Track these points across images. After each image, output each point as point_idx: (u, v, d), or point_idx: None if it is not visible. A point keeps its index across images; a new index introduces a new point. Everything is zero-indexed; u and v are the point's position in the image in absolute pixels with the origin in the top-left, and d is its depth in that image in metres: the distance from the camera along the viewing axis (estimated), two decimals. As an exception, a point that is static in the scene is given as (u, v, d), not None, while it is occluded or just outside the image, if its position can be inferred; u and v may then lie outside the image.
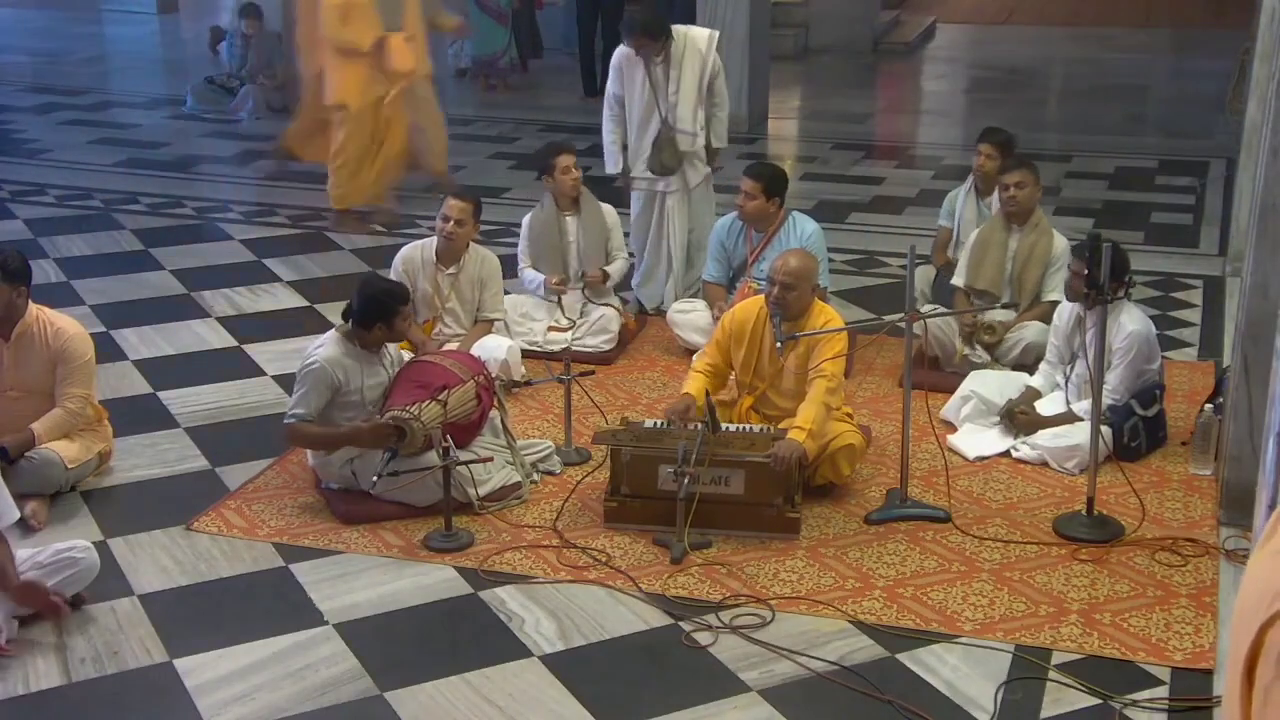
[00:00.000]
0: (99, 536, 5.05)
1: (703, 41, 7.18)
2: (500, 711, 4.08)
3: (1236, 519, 5.09)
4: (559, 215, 7.00)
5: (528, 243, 7.05)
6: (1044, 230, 6.51)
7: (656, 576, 4.78)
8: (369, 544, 5.01)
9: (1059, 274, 6.41)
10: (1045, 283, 6.47)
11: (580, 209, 6.99)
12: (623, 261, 7.10)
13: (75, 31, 17.61)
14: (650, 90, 7.16)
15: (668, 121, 7.17)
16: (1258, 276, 5.02)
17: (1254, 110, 7.71)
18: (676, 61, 7.13)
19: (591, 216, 7.00)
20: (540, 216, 7.03)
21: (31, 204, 9.70)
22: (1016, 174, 6.49)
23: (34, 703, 4.13)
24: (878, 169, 10.95)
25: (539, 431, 5.93)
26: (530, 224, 7.05)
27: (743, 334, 5.51)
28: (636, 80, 7.20)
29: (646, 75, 7.14)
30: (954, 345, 6.42)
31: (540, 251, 7.00)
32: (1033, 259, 6.45)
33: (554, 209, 6.99)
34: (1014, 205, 6.46)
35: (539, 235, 7.00)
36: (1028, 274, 6.44)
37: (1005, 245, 6.53)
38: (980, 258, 6.56)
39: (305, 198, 9.83)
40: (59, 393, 5.38)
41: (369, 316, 5.30)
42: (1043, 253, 6.45)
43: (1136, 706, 4.09)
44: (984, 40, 17.33)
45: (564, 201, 6.96)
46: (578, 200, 6.97)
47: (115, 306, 7.55)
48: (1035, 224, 6.50)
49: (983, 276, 6.53)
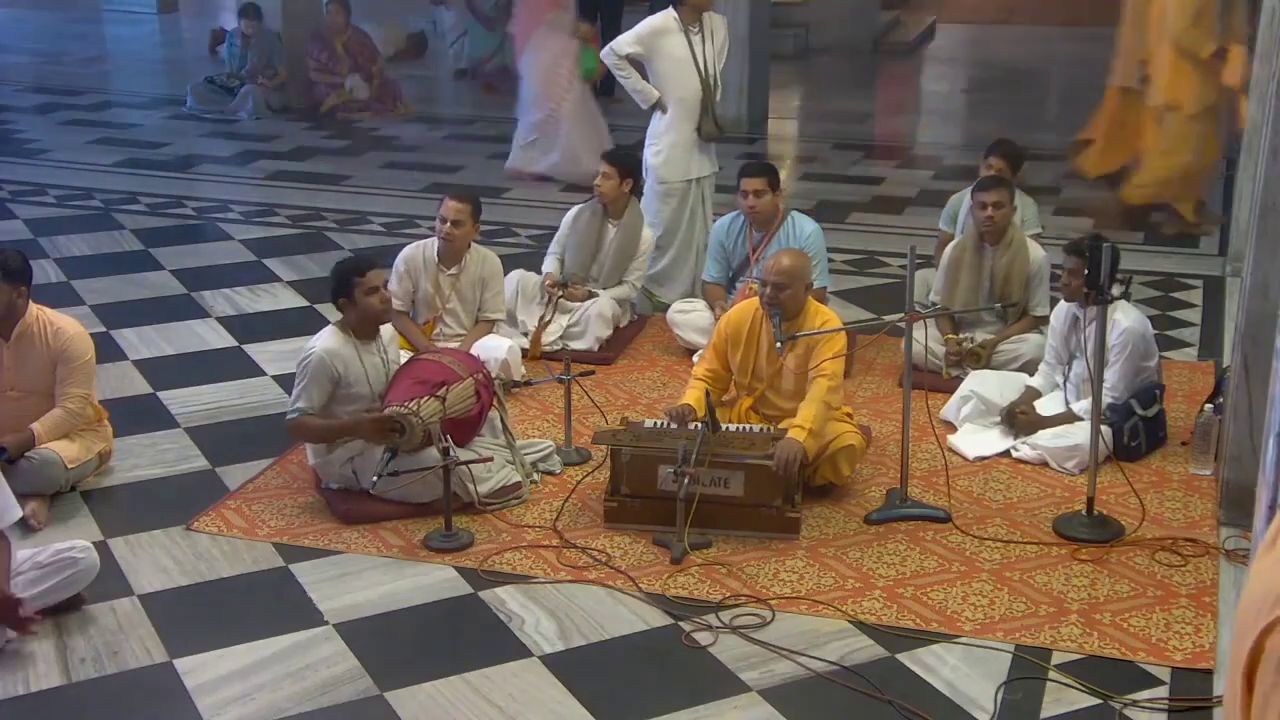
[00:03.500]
0: (99, 536, 5.05)
1: (720, 21, 7.46)
2: (500, 711, 4.08)
3: (1236, 519, 5.09)
4: (604, 219, 7.04)
5: (564, 230, 7.12)
6: (1019, 245, 6.43)
7: (656, 576, 4.78)
8: (369, 544, 5.01)
9: (1042, 288, 6.41)
10: (1030, 296, 6.44)
11: (622, 219, 7.02)
12: (628, 288, 7.08)
13: (75, 31, 17.61)
14: (690, 55, 7.24)
15: (708, 85, 7.25)
16: (1258, 276, 5.02)
17: (1254, 110, 7.71)
18: (709, 32, 7.29)
19: (630, 230, 7.02)
20: (584, 210, 7.09)
21: (31, 204, 9.70)
22: (994, 193, 6.38)
23: (34, 703, 4.13)
24: (878, 169, 10.95)
25: (539, 431, 5.94)
26: (575, 215, 7.12)
27: (739, 337, 5.51)
28: (673, 50, 7.25)
29: (687, 41, 7.22)
30: (940, 369, 6.36)
31: (573, 242, 7.06)
32: (1012, 276, 6.40)
33: (601, 211, 7.03)
34: (990, 225, 6.37)
35: (579, 226, 7.06)
36: (1009, 291, 6.38)
37: (979, 266, 6.46)
38: (954, 278, 6.51)
39: (305, 198, 9.84)
40: (59, 393, 5.38)
41: (335, 294, 5.36)
42: (1021, 268, 6.41)
43: (1136, 706, 4.09)
44: (984, 40, 17.32)
45: (614, 208, 7.00)
46: (624, 209, 7.00)
47: (115, 306, 7.55)
48: (1009, 241, 6.42)
49: (958, 298, 6.49)
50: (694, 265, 7.42)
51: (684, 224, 7.42)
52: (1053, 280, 6.42)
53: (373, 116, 12.54)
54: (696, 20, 7.23)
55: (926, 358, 6.10)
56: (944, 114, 13.65)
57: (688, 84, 7.24)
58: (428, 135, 12.05)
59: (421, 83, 14.22)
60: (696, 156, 7.38)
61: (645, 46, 7.31)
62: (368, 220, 9.32)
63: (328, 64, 12.67)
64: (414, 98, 13.15)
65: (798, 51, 15.63)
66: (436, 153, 11.35)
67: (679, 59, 7.23)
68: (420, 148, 11.55)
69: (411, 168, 10.80)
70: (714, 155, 7.51)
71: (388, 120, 12.49)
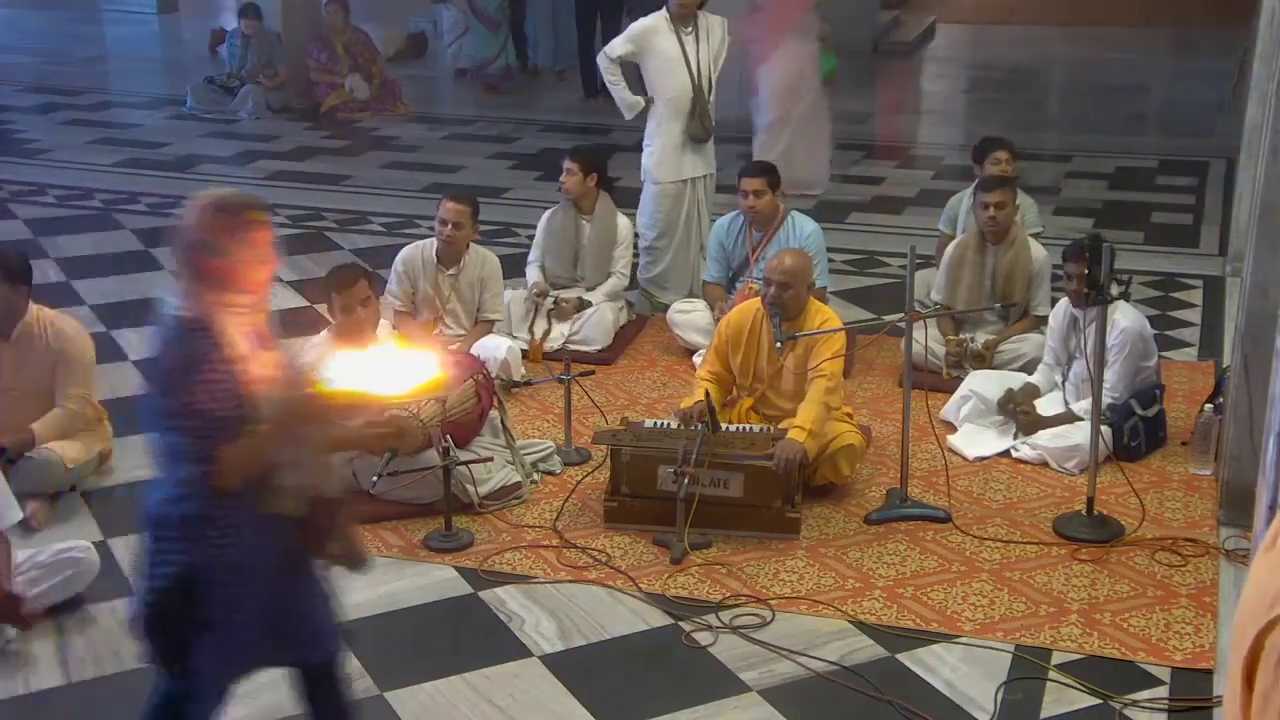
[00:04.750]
0: (99, 536, 5.05)
1: (717, 23, 7.40)
2: (500, 711, 4.08)
3: (1236, 519, 5.09)
4: (576, 216, 7.02)
5: (541, 236, 7.10)
6: (1021, 245, 6.44)
7: (656, 576, 4.78)
8: (369, 544, 5.00)
9: (1043, 287, 6.41)
10: (1031, 296, 6.44)
11: (594, 214, 7.01)
12: (616, 279, 7.08)
13: (75, 31, 17.60)
14: (682, 56, 7.20)
15: (700, 86, 7.22)
16: (1258, 276, 5.02)
17: (1254, 110, 7.70)
18: (704, 34, 7.26)
19: (604, 223, 7.01)
20: (558, 214, 7.08)
21: (31, 204, 9.70)
22: (998, 193, 6.39)
23: (34, 703, 4.13)
24: (878, 169, 10.94)
25: (539, 431, 5.93)
26: (548, 219, 7.11)
27: (739, 338, 5.51)
28: (664, 50, 7.22)
29: (678, 42, 7.19)
30: (940, 369, 6.36)
31: (550, 246, 7.04)
32: (1015, 275, 6.40)
33: (572, 209, 7.02)
34: (993, 225, 6.38)
35: (554, 229, 7.05)
36: (1011, 290, 6.38)
37: (981, 264, 6.47)
38: (956, 278, 6.52)
39: (305, 198, 9.84)
40: (59, 393, 5.38)
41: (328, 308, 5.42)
42: (1024, 268, 6.41)
43: (1136, 706, 4.09)
44: (984, 40, 17.32)
45: (583, 204, 6.98)
46: (594, 204, 6.99)
47: (115, 306, 7.55)
48: (1012, 241, 6.43)
49: (959, 297, 6.49)
50: (694, 266, 7.41)
51: (681, 224, 7.40)
52: (1054, 280, 6.42)
53: (373, 116, 12.54)
54: (689, 21, 7.21)
55: (926, 358, 6.10)
56: (944, 114, 13.65)
57: (679, 84, 7.22)
58: (428, 135, 12.04)
59: (421, 83, 14.21)
60: (689, 157, 7.35)
61: (636, 46, 7.30)
62: (368, 220, 9.32)
63: (328, 64, 12.67)
64: (414, 98, 13.15)
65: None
66: (436, 153, 11.35)
67: (670, 59, 7.21)
68: (420, 148, 11.54)
69: (414, 168, 10.80)
70: (711, 156, 7.48)
71: (388, 120, 12.48)
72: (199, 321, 3.05)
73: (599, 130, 11.86)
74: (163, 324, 3.11)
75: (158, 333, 3.15)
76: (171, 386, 3.03)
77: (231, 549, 3.09)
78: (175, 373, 3.03)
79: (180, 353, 3.03)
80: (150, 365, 3.25)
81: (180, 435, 3.04)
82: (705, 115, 7.28)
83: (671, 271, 7.45)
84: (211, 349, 3.02)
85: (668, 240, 7.40)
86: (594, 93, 12.85)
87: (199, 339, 3.03)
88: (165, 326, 3.10)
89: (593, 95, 12.91)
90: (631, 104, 7.37)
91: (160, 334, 3.13)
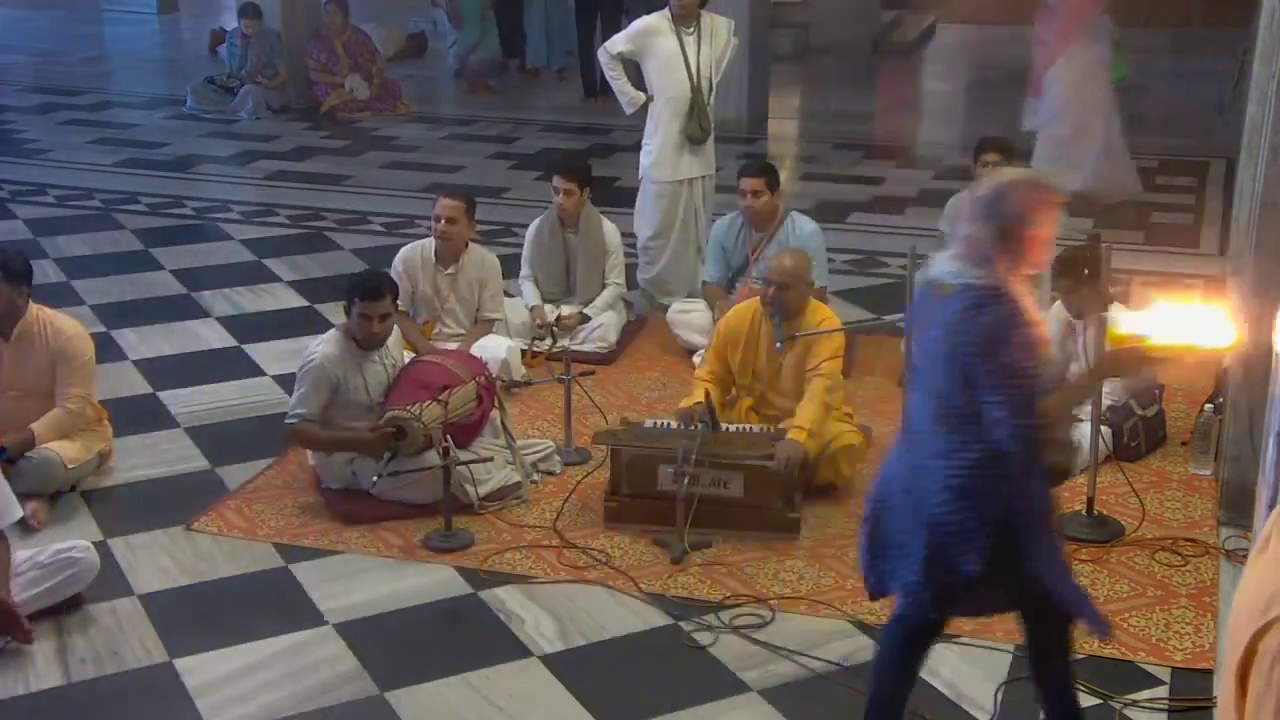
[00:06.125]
0: (99, 536, 5.05)
1: (723, 24, 7.40)
2: (500, 711, 4.08)
3: (1236, 519, 5.09)
4: (563, 231, 7.00)
5: (530, 249, 7.05)
6: None
7: (656, 576, 4.78)
8: (369, 544, 5.01)
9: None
10: None
11: (580, 227, 6.95)
12: (613, 290, 7.05)
13: (75, 31, 17.60)
14: (682, 56, 7.19)
15: (698, 87, 7.21)
16: (1258, 276, 5.02)
17: (1254, 110, 7.68)
18: (707, 35, 7.25)
19: (591, 235, 6.97)
20: (544, 226, 7.03)
21: (31, 204, 9.70)
22: None
23: (34, 703, 4.13)
24: (878, 169, 10.94)
25: (539, 431, 5.93)
26: (536, 232, 7.06)
27: (738, 338, 5.51)
28: (664, 50, 7.21)
29: (679, 41, 7.17)
30: None
31: (540, 260, 7.01)
32: None
33: (557, 222, 6.99)
34: None
35: (542, 242, 7.01)
36: None
37: None
38: None
39: (305, 198, 9.84)
40: (59, 393, 5.38)
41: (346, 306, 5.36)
42: None
43: (1136, 706, 4.09)
44: (984, 40, 17.30)
45: (567, 219, 6.95)
46: (578, 219, 6.95)
47: (115, 306, 7.55)
48: None
49: None
50: (693, 266, 7.41)
51: (679, 224, 7.38)
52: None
53: (373, 116, 12.54)
54: (690, 21, 7.20)
55: None
56: (944, 114, 13.65)
57: (678, 84, 7.21)
58: (428, 135, 12.05)
59: (421, 83, 14.22)
60: (687, 157, 7.33)
61: (636, 45, 7.30)
62: (368, 220, 9.32)
63: (328, 64, 12.67)
64: (414, 98, 13.15)
65: (797, 51, 15.62)
66: (436, 153, 11.35)
67: (669, 58, 7.21)
68: (420, 148, 11.54)
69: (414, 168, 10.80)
70: (711, 156, 7.46)
71: (388, 120, 12.48)
72: (999, 290, 3.29)
73: (599, 130, 11.87)
74: (959, 294, 3.31)
75: (952, 301, 3.32)
76: (993, 349, 3.25)
77: (1032, 499, 3.39)
78: (995, 337, 3.26)
79: (996, 318, 3.26)
80: (958, 331, 3.33)
81: (1006, 392, 3.24)
82: (704, 116, 7.26)
83: (671, 272, 7.44)
84: (1018, 313, 3.27)
85: (664, 240, 7.39)
86: (594, 92, 12.85)
87: (1006, 305, 3.27)
88: (964, 296, 3.30)
89: (592, 95, 12.91)
90: (633, 99, 7.36)
91: (959, 302, 3.31)
